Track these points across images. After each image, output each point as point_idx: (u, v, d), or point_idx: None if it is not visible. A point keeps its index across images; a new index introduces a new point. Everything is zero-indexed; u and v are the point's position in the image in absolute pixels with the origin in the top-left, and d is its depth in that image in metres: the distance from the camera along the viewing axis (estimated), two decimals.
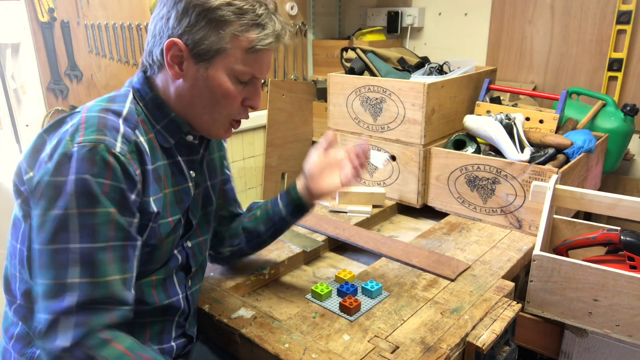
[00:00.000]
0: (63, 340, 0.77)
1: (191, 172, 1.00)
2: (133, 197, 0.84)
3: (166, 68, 0.90)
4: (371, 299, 1.16)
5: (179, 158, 0.97)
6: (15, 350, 0.95)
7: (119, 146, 0.82)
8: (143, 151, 0.87)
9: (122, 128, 0.85)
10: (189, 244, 1.04)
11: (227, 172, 1.22)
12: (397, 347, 1.00)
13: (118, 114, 0.87)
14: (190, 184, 1.00)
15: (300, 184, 1.16)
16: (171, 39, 0.87)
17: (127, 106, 0.90)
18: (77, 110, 0.89)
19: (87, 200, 0.79)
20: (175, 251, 1.01)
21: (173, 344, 1.02)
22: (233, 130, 0.99)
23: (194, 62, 0.88)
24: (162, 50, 0.89)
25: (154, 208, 0.89)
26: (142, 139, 0.88)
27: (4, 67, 1.88)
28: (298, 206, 1.16)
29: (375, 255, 1.41)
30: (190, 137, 0.97)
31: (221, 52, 0.88)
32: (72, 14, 2.03)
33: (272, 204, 1.19)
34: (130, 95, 0.93)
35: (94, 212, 0.80)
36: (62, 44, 2.02)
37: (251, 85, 0.94)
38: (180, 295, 1.02)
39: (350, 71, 1.84)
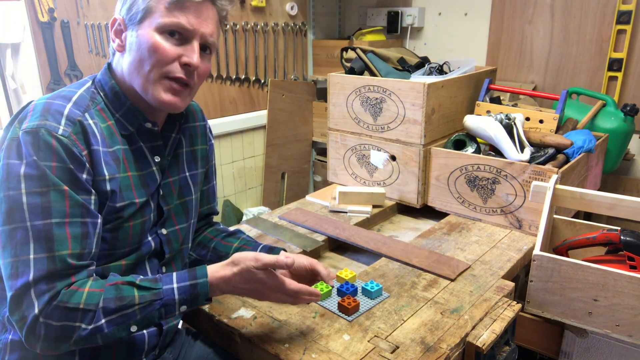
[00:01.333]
0: (30, 310, 0.81)
1: (155, 157, 1.02)
2: (84, 176, 0.87)
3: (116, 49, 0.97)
4: (371, 299, 1.16)
5: (141, 144, 1.00)
6: None
7: (61, 129, 0.86)
8: (89, 132, 0.90)
9: (67, 110, 0.89)
10: (164, 231, 1.06)
11: (212, 169, 1.23)
12: (397, 347, 1.00)
13: (67, 98, 0.92)
14: (154, 168, 1.02)
15: None
16: (114, 17, 0.96)
17: (78, 92, 0.94)
18: (32, 100, 0.93)
19: (37, 180, 0.83)
20: (150, 237, 1.02)
21: (144, 332, 1.02)
22: (177, 96, 0.95)
23: (129, 29, 0.94)
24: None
25: (108, 187, 0.92)
26: (91, 122, 0.91)
27: (4, 67, 1.88)
28: None
29: (375, 255, 1.41)
30: (149, 124, 0.99)
31: (148, 12, 0.92)
32: (72, 14, 2.03)
33: (251, 250, 1.17)
34: (87, 84, 0.98)
35: (47, 190, 0.83)
36: (62, 44, 2.02)
37: (186, 42, 0.93)
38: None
39: (350, 71, 1.84)
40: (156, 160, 1.03)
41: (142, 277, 0.92)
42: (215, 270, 0.93)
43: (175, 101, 0.95)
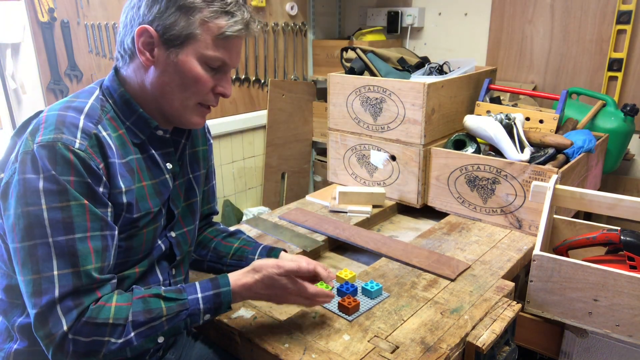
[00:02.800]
0: (58, 327, 0.80)
1: (167, 164, 1.01)
2: (101, 189, 0.86)
3: (137, 57, 0.91)
4: (371, 299, 1.16)
5: (153, 152, 0.99)
6: None
7: (77, 142, 0.84)
8: (105, 144, 0.88)
9: (81, 123, 0.86)
10: (173, 234, 1.06)
11: (211, 169, 1.23)
12: (397, 347, 1.00)
13: (79, 110, 0.89)
14: (167, 176, 1.01)
15: None
16: (142, 25, 0.88)
17: (89, 102, 0.91)
18: (41, 110, 0.91)
19: (57, 195, 0.81)
20: (159, 241, 1.02)
21: None
22: (204, 118, 1.00)
23: (165, 48, 0.90)
24: (133, 38, 0.90)
25: (125, 199, 0.91)
26: (105, 134, 0.89)
27: (4, 67, 1.88)
28: None
29: (375, 255, 1.41)
30: (160, 132, 0.98)
31: (191, 37, 0.89)
32: (72, 14, 2.03)
33: (251, 250, 1.20)
34: (96, 92, 0.95)
35: (67, 205, 0.82)
36: (62, 44, 2.02)
37: (221, 73, 0.95)
38: (162, 283, 1.03)
39: (350, 71, 1.84)
40: (168, 167, 1.02)
41: (164, 288, 0.93)
42: (237, 278, 0.96)
43: (202, 122, 1.00)
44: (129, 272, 0.96)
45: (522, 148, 1.55)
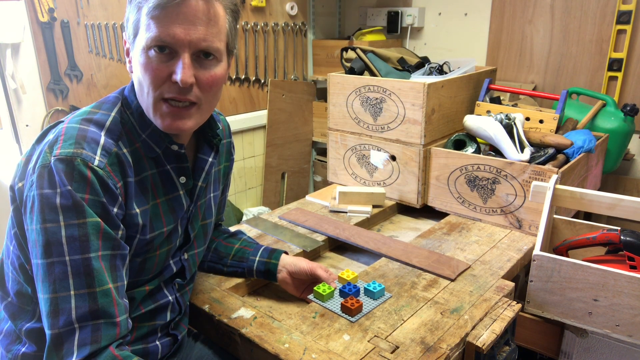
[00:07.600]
0: (67, 358, 0.77)
1: (181, 178, 0.97)
2: (115, 210, 0.83)
3: None
4: (374, 300, 1.16)
5: (168, 166, 0.95)
6: (2, 345, 0.96)
7: (97, 159, 0.81)
8: (125, 162, 0.86)
9: (102, 140, 0.84)
10: (185, 255, 1.04)
11: (228, 181, 1.22)
12: (397, 347, 1.00)
13: (100, 124, 0.86)
14: (181, 192, 0.98)
15: (283, 263, 1.18)
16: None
17: (111, 116, 0.89)
18: (61, 120, 0.89)
19: (75, 212, 0.79)
20: (171, 261, 1.01)
21: (158, 343, 1.02)
22: (179, 118, 0.87)
23: (131, 49, 0.88)
24: None
25: (140, 221, 0.88)
26: (125, 151, 0.87)
27: (4, 67, 1.88)
28: (267, 273, 1.19)
29: (375, 255, 1.41)
30: (175, 147, 0.94)
31: (137, 28, 0.84)
32: (72, 14, 2.03)
33: (252, 251, 1.20)
34: (119, 104, 0.92)
35: (84, 222, 0.79)
36: (62, 44, 2.02)
37: (174, 57, 0.83)
38: (170, 298, 1.03)
39: (350, 71, 1.84)
40: (181, 181, 0.97)
41: None
42: None
43: (176, 124, 0.87)
44: (139, 290, 0.95)
45: (522, 148, 1.55)
